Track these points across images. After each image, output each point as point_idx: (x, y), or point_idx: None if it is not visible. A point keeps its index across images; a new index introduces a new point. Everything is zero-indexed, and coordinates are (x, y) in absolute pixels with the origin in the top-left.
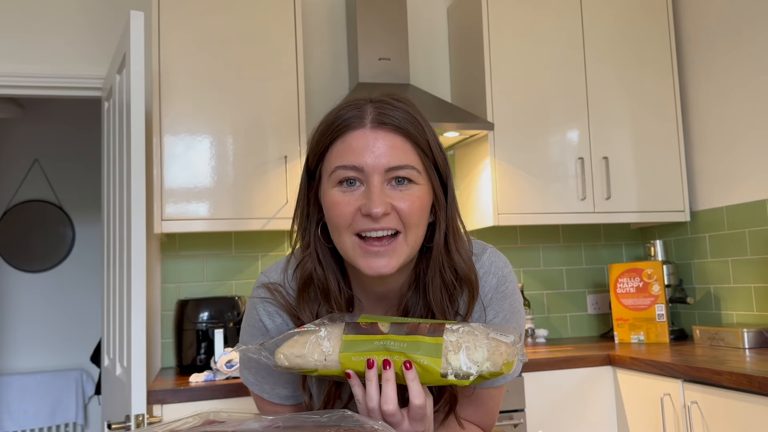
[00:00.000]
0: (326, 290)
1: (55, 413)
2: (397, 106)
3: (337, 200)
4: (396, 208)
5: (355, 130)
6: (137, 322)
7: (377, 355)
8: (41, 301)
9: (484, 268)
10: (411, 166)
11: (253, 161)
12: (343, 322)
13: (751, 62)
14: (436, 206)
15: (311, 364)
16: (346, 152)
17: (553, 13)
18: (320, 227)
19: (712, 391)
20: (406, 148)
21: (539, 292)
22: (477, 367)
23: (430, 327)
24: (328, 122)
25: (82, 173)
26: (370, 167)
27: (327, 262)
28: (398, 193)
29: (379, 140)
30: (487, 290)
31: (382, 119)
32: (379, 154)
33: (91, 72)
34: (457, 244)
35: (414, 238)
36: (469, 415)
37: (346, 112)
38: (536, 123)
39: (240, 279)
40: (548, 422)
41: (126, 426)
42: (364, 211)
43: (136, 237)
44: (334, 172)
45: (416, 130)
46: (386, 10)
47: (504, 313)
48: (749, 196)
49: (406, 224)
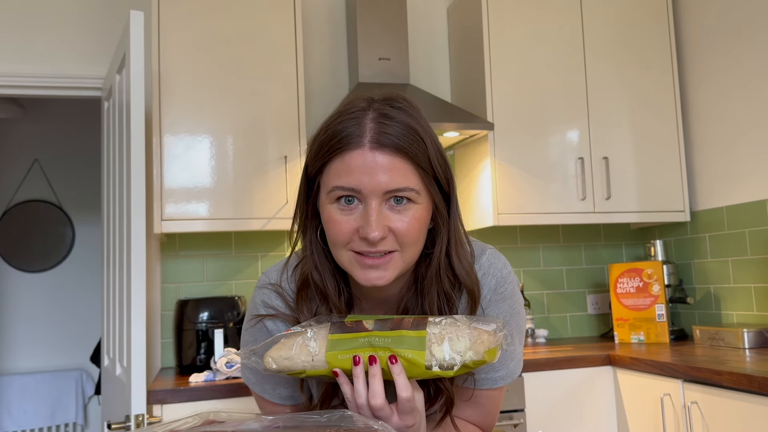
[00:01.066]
0: (324, 293)
1: (55, 413)
2: (397, 120)
3: (335, 218)
4: (393, 229)
5: (353, 150)
6: (137, 322)
7: (363, 351)
8: (41, 301)
9: (483, 269)
10: (410, 188)
11: (253, 161)
12: (329, 323)
13: (751, 62)
14: (438, 217)
15: (299, 366)
16: (344, 173)
17: (553, 13)
18: (318, 231)
19: (712, 391)
20: (406, 169)
21: (539, 292)
22: (460, 356)
23: (414, 321)
24: (327, 134)
25: (82, 173)
26: (368, 190)
27: (324, 266)
28: (396, 214)
29: (378, 160)
30: (486, 292)
31: (381, 139)
32: (378, 175)
33: (90, 72)
34: (459, 253)
35: (410, 255)
36: (469, 416)
37: (345, 127)
38: (536, 123)
39: (240, 279)
40: (548, 422)
41: (126, 426)
42: (361, 234)
43: (136, 237)
44: (332, 191)
45: (416, 147)
46: (386, 10)
47: (503, 315)
48: (749, 196)
49: (402, 244)
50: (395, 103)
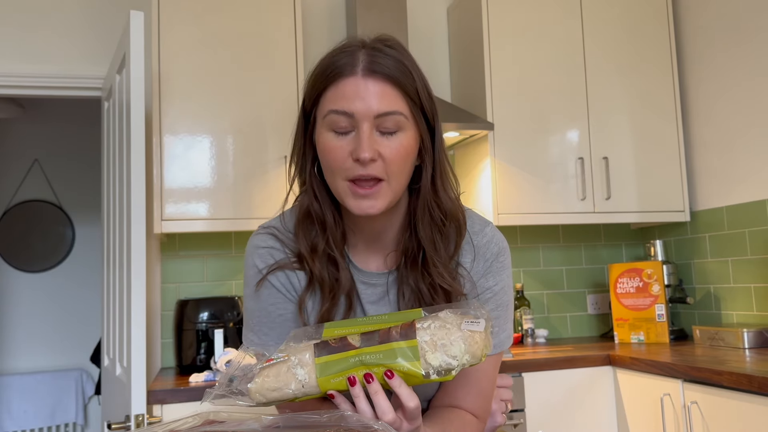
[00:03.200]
0: (323, 222)
1: (55, 413)
2: (388, 54)
3: (330, 145)
4: (382, 154)
5: (347, 77)
6: (137, 322)
7: (356, 371)
8: (41, 301)
9: (487, 237)
10: (399, 112)
11: (253, 161)
12: (310, 341)
13: (751, 62)
14: (423, 150)
15: (290, 395)
16: (338, 98)
17: (553, 13)
18: (316, 166)
19: (712, 391)
20: (395, 95)
21: (539, 292)
22: (456, 361)
23: (401, 330)
24: (322, 67)
25: (82, 173)
26: (360, 113)
27: (323, 197)
28: (385, 140)
29: (369, 87)
30: (489, 255)
31: (373, 67)
32: (369, 100)
33: (91, 72)
34: (444, 185)
35: (396, 184)
36: (461, 400)
37: (339, 59)
38: (536, 123)
39: (240, 279)
40: (548, 422)
41: (126, 426)
42: (353, 156)
43: (136, 237)
44: (327, 116)
45: (405, 77)
46: (386, 10)
47: (502, 284)
48: (749, 196)
49: (390, 172)
50: (387, 42)
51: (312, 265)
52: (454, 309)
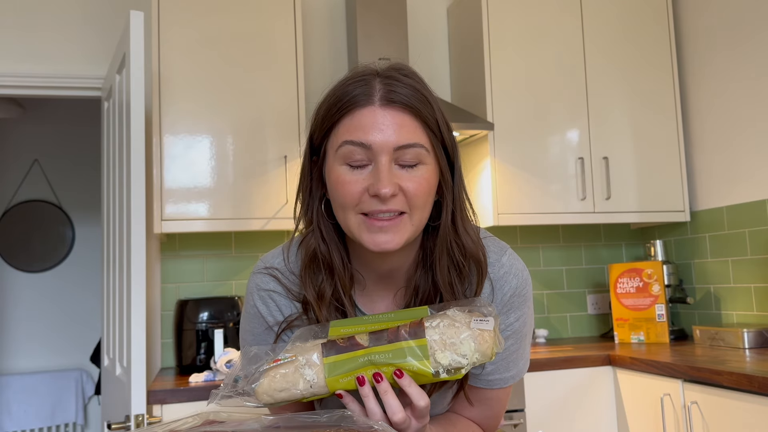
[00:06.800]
0: (330, 266)
1: (55, 413)
2: (405, 83)
3: (344, 179)
4: (403, 188)
5: (363, 107)
6: (137, 322)
7: (365, 370)
8: (41, 301)
9: (505, 268)
10: (420, 144)
11: (253, 161)
12: (317, 341)
13: (751, 61)
14: (443, 185)
15: (298, 395)
16: (354, 129)
17: (553, 13)
18: (323, 203)
19: (712, 391)
20: (415, 126)
21: (539, 292)
22: (466, 359)
23: (410, 329)
24: (335, 97)
25: (82, 173)
26: (379, 145)
27: (330, 237)
28: (405, 173)
29: (388, 118)
30: (507, 290)
31: (391, 96)
32: (388, 132)
33: (91, 72)
34: (465, 223)
35: (419, 219)
36: (474, 416)
37: (354, 88)
38: (536, 123)
39: (240, 279)
40: (548, 422)
41: (126, 426)
42: (371, 191)
43: (135, 237)
44: (341, 147)
45: (425, 107)
46: (386, 10)
47: (525, 317)
48: (749, 196)
49: (412, 206)
50: (402, 70)
51: (318, 313)
52: (461, 306)
